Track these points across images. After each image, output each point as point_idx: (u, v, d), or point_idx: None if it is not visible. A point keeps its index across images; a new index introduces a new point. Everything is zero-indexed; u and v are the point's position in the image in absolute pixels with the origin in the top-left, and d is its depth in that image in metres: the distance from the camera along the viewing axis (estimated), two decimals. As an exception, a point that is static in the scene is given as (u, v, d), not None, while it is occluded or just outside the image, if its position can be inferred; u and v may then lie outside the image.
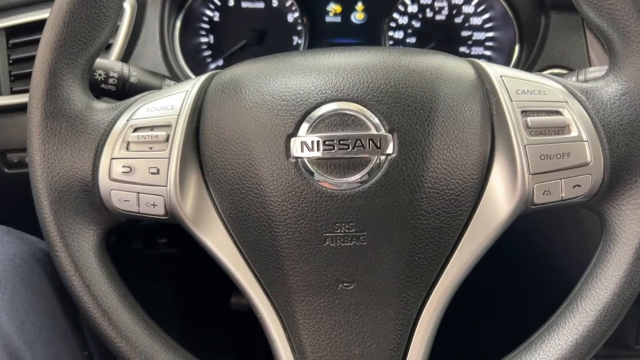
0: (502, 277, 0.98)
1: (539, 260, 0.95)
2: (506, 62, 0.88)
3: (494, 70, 0.51)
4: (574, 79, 0.65)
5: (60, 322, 0.55)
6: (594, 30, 0.50)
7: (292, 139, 0.47)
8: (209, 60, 0.91)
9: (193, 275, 1.12)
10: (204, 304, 1.16)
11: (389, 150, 0.47)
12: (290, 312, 0.49)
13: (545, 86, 0.50)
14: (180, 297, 1.18)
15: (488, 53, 0.90)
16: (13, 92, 0.77)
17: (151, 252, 1.05)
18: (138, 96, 0.54)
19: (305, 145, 0.47)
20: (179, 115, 0.50)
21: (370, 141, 0.46)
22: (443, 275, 0.49)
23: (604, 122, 0.48)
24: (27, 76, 0.54)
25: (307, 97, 0.47)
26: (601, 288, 0.49)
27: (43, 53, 0.50)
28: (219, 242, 0.50)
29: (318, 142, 0.46)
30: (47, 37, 0.49)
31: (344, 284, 0.48)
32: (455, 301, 0.51)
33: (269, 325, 0.50)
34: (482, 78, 0.51)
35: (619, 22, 0.47)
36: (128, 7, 0.78)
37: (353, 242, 0.47)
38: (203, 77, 0.54)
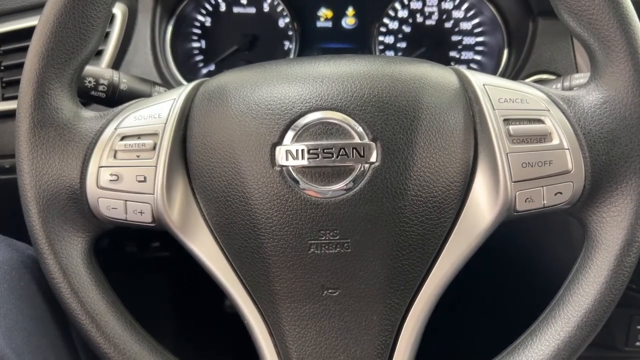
0: (489, 282, 0.99)
1: (526, 264, 0.96)
2: (495, 67, 0.88)
3: (477, 79, 0.51)
4: (559, 85, 0.66)
5: (48, 328, 0.55)
6: (576, 38, 0.51)
7: (277, 148, 0.48)
8: (200, 65, 0.91)
9: (186, 278, 1.13)
10: (198, 307, 1.17)
11: (373, 158, 0.47)
12: (276, 318, 0.50)
13: (527, 94, 0.50)
14: (174, 300, 1.18)
15: (478, 57, 0.91)
16: (5, 99, 0.77)
17: (144, 256, 1.06)
18: (126, 104, 0.55)
19: (290, 153, 0.47)
20: (165, 124, 0.51)
21: (354, 150, 0.47)
22: (427, 281, 0.50)
23: (584, 130, 0.49)
24: (19, 82, 0.55)
25: (292, 106, 0.48)
26: (582, 294, 0.49)
27: (31, 62, 0.50)
28: (205, 249, 0.51)
29: (303, 150, 0.47)
30: (34, 47, 0.50)
31: (329, 291, 0.49)
32: (441, 305, 0.52)
33: (256, 331, 0.51)
34: (466, 86, 0.51)
35: (599, 32, 0.48)
36: (119, 13, 0.79)
37: (337, 249, 0.48)
38: (190, 86, 0.54)
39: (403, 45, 0.91)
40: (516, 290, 1.01)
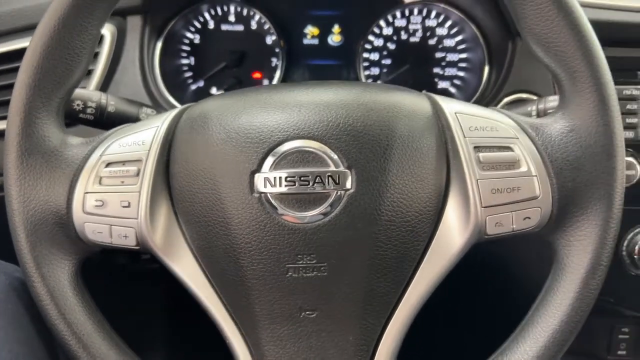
0: (464, 300, 1.00)
1: (499, 280, 0.97)
2: (478, 83, 0.90)
3: (450, 107, 0.53)
4: (534, 107, 0.68)
5: (36, 350, 0.57)
6: (545, 68, 0.53)
7: (256, 175, 0.49)
8: (189, 82, 0.93)
9: (178, 290, 1.14)
10: (189, 319, 1.18)
11: (348, 185, 0.49)
12: (256, 338, 0.52)
13: (497, 122, 0.52)
14: (166, 311, 1.19)
15: (461, 74, 0.92)
16: (-6, 119, 0.78)
17: (135, 268, 1.07)
18: (111, 131, 0.56)
19: (268, 181, 0.49)
20: (149, 151, 0.53)
21: (330, 177, 0.49)
22: (402, 302, 0.51)
23: (551, 157, 0.51)
24: (7, 103, 0.56)
25: (270, 135, 0.50)
26: (550, 315, 0.51)
27: (18, 93, 0.52)
28: (188, 271, 0.53)
29: (280, 178, 0.49)
30: (21, 79, 0.52)
31: (307, 312, 0.51)
32: (417, 324, 0.54)
33: (237, 350, 0.53)
34: (438, 113, 0.53)
35: (566, 63, 0.50)
36: (108, 33, 0.80)
37: (314, 272, 0.50)
38: (174, 112, 0.56)
39: (388, 62, 0.93)
40: (489, 310, 1.02)
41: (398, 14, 0.91)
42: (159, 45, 0.90)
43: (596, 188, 0.50)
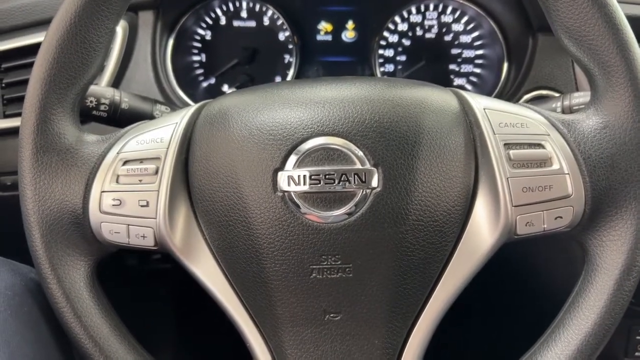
0: (491, 300, 0.99)
1: (527, 280, 0.96)
2: (496, 80, 0.88)
3: (478, 102, 0.52)
4: (559, 104, 0.66)
5: (51, 353, 0.56)
6: (576, 62, 0.51)
7: (279, 173, 0.48)
8: (200, 79, 0.92)
9: (189, 290, 1.13)
10: (201, 320, 1.17)
11: (374, 184, 0.47)
12: (278, 342, 0.50)
13: (527, 119, 0.51)
14: (177, 312, 1.18)
15: (477, 70, 0.91)
16: (6, 116, 0.77)
17: (146, 268, 1.06)
18: (128, 128, 0.55)
19: (292, 179, 0.47)
20: (168, 148, 0.51)
21: (356, 175, 0.47)
22: (428, 304, 0.50)
23: (585, 155, 0.49)
24: (20, 99, 0.55)
25: (293, 132, 0.48)
26: (582, 318, 0.50)
27: (33, 88, 0.50)
28: (208, 273, 0.51)
29: (304, 176, 0.47)
30: (37, 73, 0.50)
31: (331, 315, 0.49)
32: (443, 325, 0.52)
33: (258, 354, 0.51)
34: (466, 110, 0.52)
35: (599, 57, 0.48)
36: (120, 29, 0.79)
37: (339, 274, 0.48)
38: (192, 109, 0.55)
39: (403, 58, 0.91)
40: (516, 312, 1.01)
41: (413, 9, 0.90)
42: (171, 41, 0.88)
43: (631, 187, 0.49)
